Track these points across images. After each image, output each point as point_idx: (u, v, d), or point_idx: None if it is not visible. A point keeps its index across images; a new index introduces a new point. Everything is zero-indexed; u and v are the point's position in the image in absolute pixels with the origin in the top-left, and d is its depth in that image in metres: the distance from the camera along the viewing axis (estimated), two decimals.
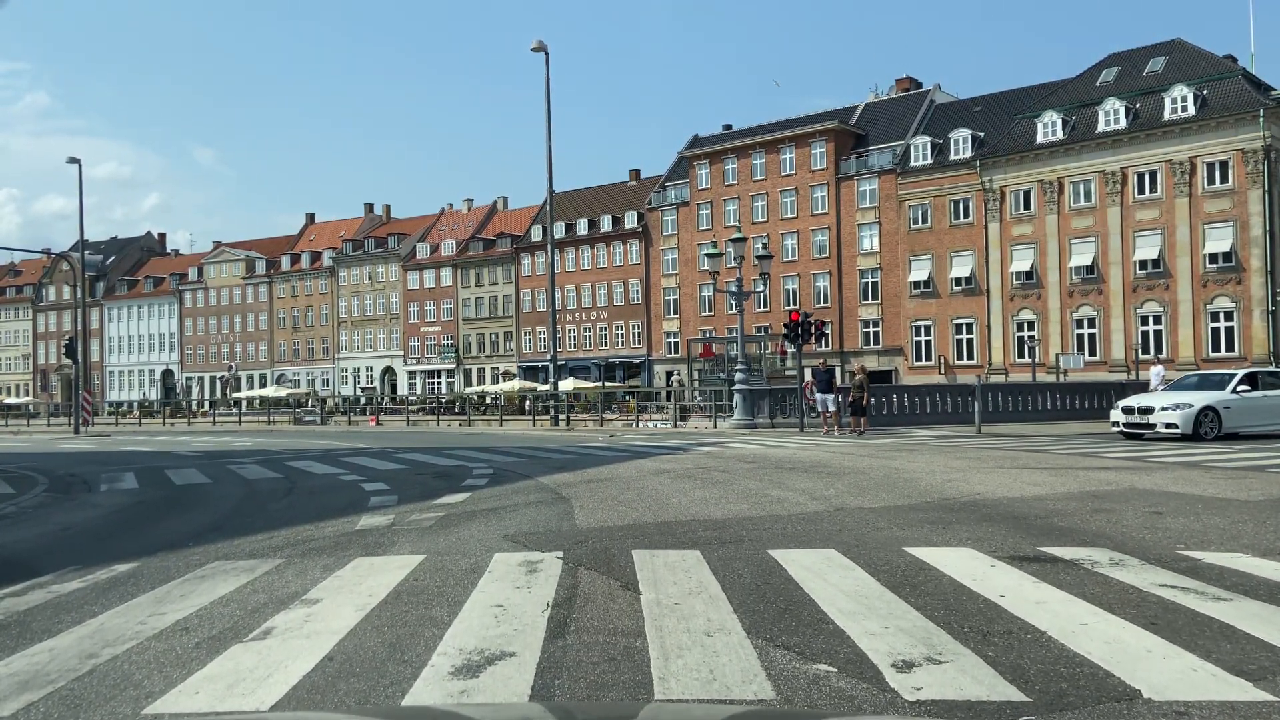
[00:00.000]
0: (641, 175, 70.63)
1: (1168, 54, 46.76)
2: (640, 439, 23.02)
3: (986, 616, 4.94)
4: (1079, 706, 3.62)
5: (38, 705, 3.89)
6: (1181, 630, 4.60)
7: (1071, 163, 46.31)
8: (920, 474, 12.46)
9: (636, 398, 40.18)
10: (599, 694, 3.88)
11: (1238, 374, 20.00)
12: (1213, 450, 15.89)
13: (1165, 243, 43.76)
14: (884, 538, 7.45)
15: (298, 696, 3.90)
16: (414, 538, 7.96)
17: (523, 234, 72.33)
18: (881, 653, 4.29)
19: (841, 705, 3.69)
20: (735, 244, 27.91)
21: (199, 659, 4.45)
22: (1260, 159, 41.22)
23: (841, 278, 55.35)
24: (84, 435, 34.13)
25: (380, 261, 78.41)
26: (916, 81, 60.12)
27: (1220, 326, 42.70)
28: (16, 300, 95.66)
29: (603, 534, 7.78)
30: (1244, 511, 8.68)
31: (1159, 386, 25.87)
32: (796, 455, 16.13)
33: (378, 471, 14.64)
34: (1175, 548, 6.82)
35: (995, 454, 15.85)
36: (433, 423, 38.97)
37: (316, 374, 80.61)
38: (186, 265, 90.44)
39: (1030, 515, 8.55)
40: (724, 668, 4.12)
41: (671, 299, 63.38)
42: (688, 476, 12.66)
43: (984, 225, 49.24)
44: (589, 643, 4.56)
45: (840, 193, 55.38)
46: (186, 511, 10.49)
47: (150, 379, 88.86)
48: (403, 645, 4.59)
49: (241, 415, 48.63)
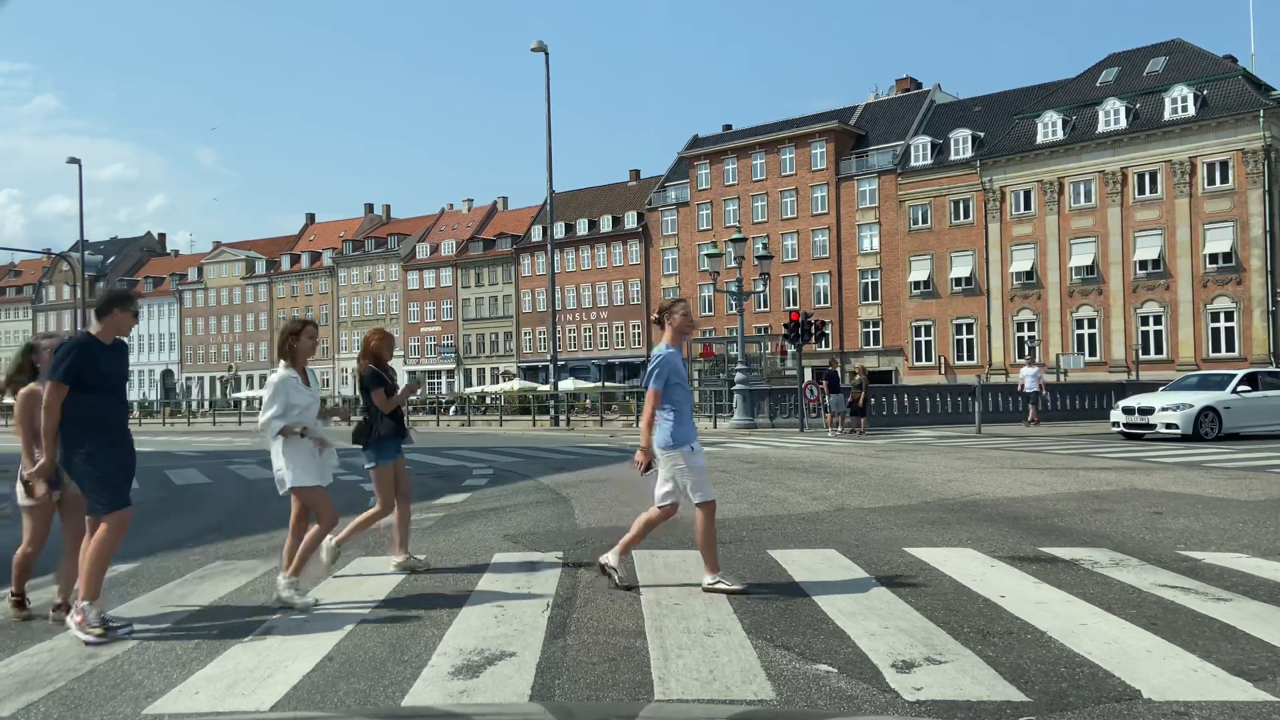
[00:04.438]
0: (641, 175, 70.64)
1: (1168, 54, 46.76)
2: (640, 439, 22.98)
3: (986, 617, 4.94)
4: (1079, 706, 3.62)
5: (38, 705, 3.89)
6: (1181, 630, 4.60)
7: (1071, 163, 46.31)
8: (920, 474, 12.46)
9: (637, 398, 40.14)
10: (599, 694, 3.88)
11: (1238, 374, 20.01)
12: (1213, 450, 15.89)
13: (1165, 243, 43.76)
14: (884, 538, 7.45)
15: (298, 696, 3.90)
16: (414, 538, 7.96)
17: (523, 234, 72.32)
18: (881, 653, 4.29)
19: (841, 705, 3.69)
20: (735, 244, 27.89)
21: (199, 659, 4.45)
22: (1260, 159, 41.21)
23: (841, 278, 55.35)
24: None
25: (380, 262, 78.42)
26: (916, 81, 60.12)
27: (1220, 327, 42.70)
28: (16, 300, 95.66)
29: (603, 534, 7.78)
30: (1244, 512, 8.68)
31: (1034, 388, 25.82)
32: (796, 455, 16.13)
33: None
34: (1175, 548, 6.82)
35: (995, 454, 15.85)
36: (433, 423, 38.98)
37: (316, 374, 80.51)
38: (186, 265, 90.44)
39: (1030, 515, 8.56)
40: (724, 668, 4.12)
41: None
42: None
43: (984, 225, 49.24)
44: (589, 643, 4.57)
45: (840, 193, 55.38)
46: (187, 512, 10.49)
47: (150, 379, 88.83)
48: (403, 645, 4.59)
49: (241, 415, 48.62)
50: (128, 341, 5.21)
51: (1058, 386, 33.23)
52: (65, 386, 4.76)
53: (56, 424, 4.78)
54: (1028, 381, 26.08)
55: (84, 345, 4.87)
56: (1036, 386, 26.00)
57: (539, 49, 30.35)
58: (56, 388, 4.76)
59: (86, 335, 4.96)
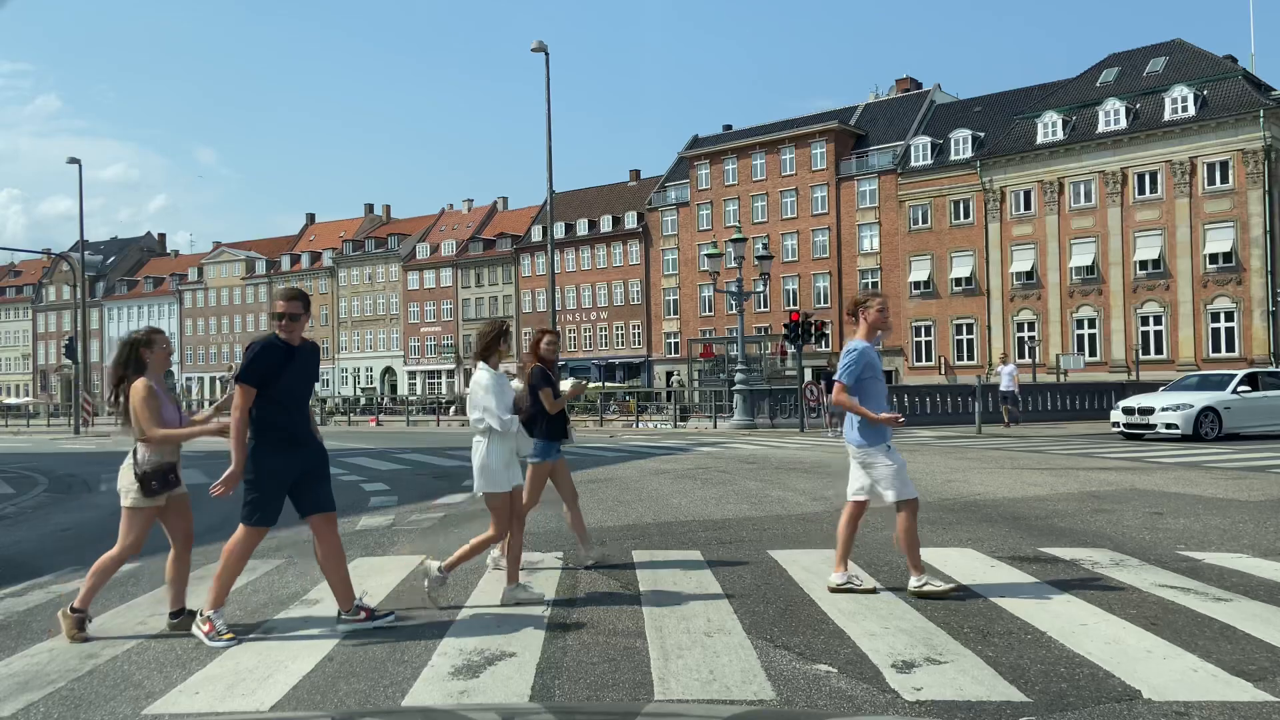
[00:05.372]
0: (642, 175, 70.62)
1: (1168, 54, 46.74)
2: (640, 439, 23.01)
3: (986, 616, 4.94)
4: (1079, 706, 3.62)
5: (38, 705, 3.89)
6: (1181, 630, 4.60)
7: (1071, 163, 46.29)
8: (920, 474, 12.45)
9: (636, 398, 40.12)
10: (599, 694, 3.87)
11: (1238, 374, 20.00)
12: (1213, 451, 15.89)
13: (1165, 243, 43.74)
14: (884, 538, 7.44)
15: (298, 696, 3.90)
16: (414, 538, 7.96)
17: (523, 234, 72.31)
18: (882, 653, 4.29)
19: (841, 705, 3.68)
20: (735, 244, 27.89)
21: (199, 659, 4.45)
22: (1260, 159, 41.19)
23: (841, 278, 55.33)
24: (84, 435, 34.12)
25: (380, 262, 78.39)
26: (916, 81, 60.11)
27: (1220, 327, 42.67)
28: (17, 300, 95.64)
29: (603, 534, 7.78)
30: (1244, 512, 8.67)
31: (1009, 386, 24.60)
32: (797, 456, 16.13)
33: (378, 472, 14.64)
34: (1175, 548, 6.82)
35: (995, 454, 15.85)
36: (433, 423, 38.97)
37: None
38: (186, 266, 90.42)
39: (1030, 515, 8.56)
40: (724, 668, 4.12)
41: (671, 299, 63.37)
42: (688, 477, 12.66)
43: (984, 225, 49.22)
44: (589, 643, 4.56)
45: (840, 193, 55.36)
46: None
47: None
48: (402, 645, 4.59)
49: None
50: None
51: (1059, 386, 33.23)
52: (251, 390, 4.71)
53: (245, 426, 4.67)
54: (1003, 380, 24.94)
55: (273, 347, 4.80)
56: (1012, 386, 24.75)
57: (539, 49, 30.32)
58: (244, 390, 4.69)
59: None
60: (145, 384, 4.88)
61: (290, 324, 4.82)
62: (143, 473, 4.83)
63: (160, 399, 4.91)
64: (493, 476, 5.37)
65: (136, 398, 4.85)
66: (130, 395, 4.88)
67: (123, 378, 4.96)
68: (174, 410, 5.02)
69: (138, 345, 4.97)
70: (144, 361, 4.96)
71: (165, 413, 4.92)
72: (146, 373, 4.94)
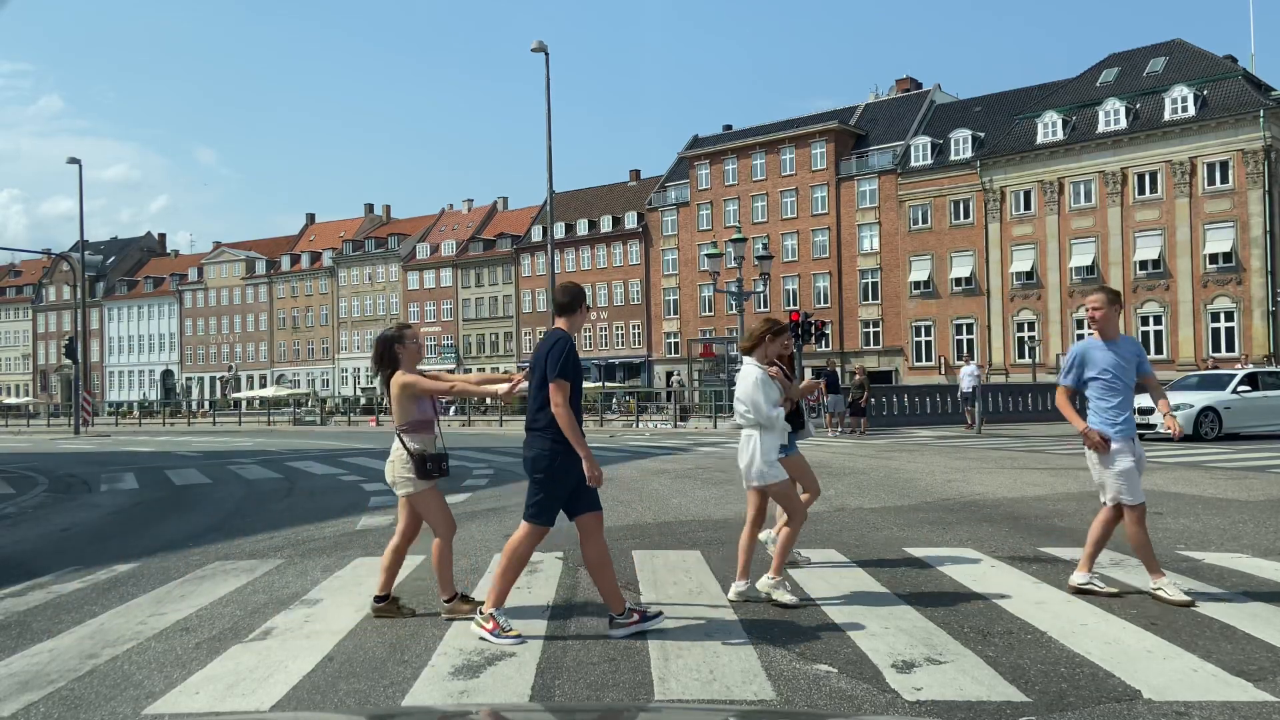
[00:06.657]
0: (642, 175, 70.61)
1: (1168, 54, 46.73)
2: (640, 439, 23.01)
3: (986, 616, 4.94)
4: (1079, 706, 3.62)
5: (38, 705, 3.88)
6: (1181, 630, 4.60)
7: (1071, 163, 46.29)
8: (920, 474, 12.45)
9: (636, 398, 40.12)
10: (599, 694, 3.87)
11: (1238, 374, 20.00)
12: (1213, 450, 15.89)
13: (1165, 243, 43.75)
14: (884, 538, 7.45)
15: (298, 696, 3.90)
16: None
17: (523, 234, 72.30)
18: (882, 653, 4.29)
19: (841, 705, 3.68)
20: (735, 244, 27.90)
21: (199, 659, 4.45)
22: (1260, 159, 41.20)
23: (841, 278, 55.34)
24: (84, 435, 34.11)
25: (380, 262, 78.39)
26: (916, 82, 60.11)
27: (1220, 327, 42.68)
28: (17, 300, 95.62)
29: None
30: (1244, 512, 8.68)
31: (972, 386, 23.87)
32: None
33: (378, 472, 14.57)
34: (1175, 548, 6.82)
35: (995, 454, 15.85)
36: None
37: (316, 374, 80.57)
38: (186, 266, 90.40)
39: (1030, 515, 8.56)
40: (724, 668, 4.12)
41: (671, 299, 63.37)
42: (688, 477, 12.66)
43: (984, 225, 49.23)
44: (589, 643, 4.57)
45: (840, 193, 55.36)
46: (187, 512, 10.49)
47: (150, 379, 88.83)
48: (403, 645, 4.59)
49: (241, 416, 48.63)
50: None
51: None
52: (566, 383, 4.79)
53: (573, 419, 4.77)
54: (964, 382, 24.13)
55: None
56: (971, 386, 23.84)
57: (539, 49, 30.32)
58: (560, 386, 4.75)
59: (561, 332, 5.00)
60: (408, 376, 5.21)
61: (575, 318, 5.16)
62: (418, 451, 5.12)
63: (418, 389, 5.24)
64: (772, 467, 5.47)
65: (396, 387, 5.16)
66: (391, 386, 5.22)
67: (381, 373, 5.33)
68: (427, 401, 5.34)
69: (392, 342, 5.29)
70: (398, 357, 5.25)
71: (420, 403, 5.23)
72: (402, 367, 5.24)
